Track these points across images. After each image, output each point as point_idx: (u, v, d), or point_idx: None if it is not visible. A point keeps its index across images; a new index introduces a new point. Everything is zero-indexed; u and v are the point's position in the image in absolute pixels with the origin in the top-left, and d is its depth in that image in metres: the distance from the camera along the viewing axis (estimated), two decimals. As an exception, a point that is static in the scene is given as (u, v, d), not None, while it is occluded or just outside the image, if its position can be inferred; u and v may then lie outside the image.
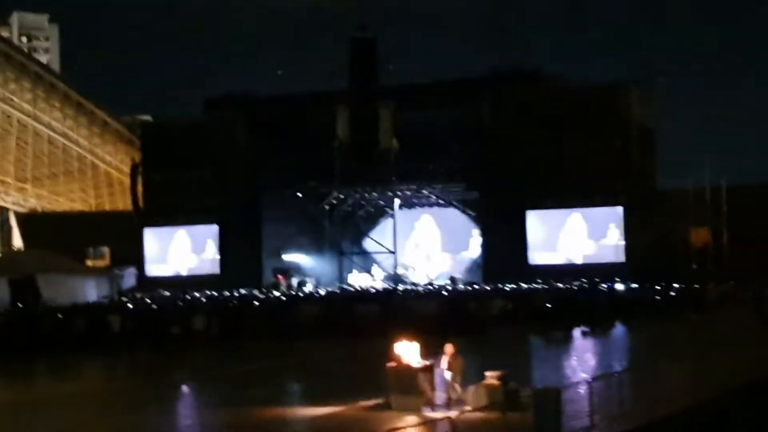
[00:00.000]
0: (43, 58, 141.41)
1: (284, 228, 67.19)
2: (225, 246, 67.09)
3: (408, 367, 21.24)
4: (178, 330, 39.68)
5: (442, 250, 70.35)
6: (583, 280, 52.72)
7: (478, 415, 17.86)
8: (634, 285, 51.44)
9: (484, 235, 64.46)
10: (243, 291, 56.77)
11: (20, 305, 46.50)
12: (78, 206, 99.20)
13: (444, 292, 50.94)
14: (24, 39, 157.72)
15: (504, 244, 60.88)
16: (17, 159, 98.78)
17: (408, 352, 21.59)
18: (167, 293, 59.22)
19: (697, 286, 50.19)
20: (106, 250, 76.32)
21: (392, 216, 66.70)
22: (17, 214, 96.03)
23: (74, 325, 39.98)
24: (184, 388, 27.70)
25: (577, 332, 39.49)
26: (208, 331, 39.60)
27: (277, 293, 56.89)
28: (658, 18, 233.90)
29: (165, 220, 68.78)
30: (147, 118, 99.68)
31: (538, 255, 61.55)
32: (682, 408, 19.82)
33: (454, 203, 67.66)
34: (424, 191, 66.23)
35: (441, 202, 68.23)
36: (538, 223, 61.79)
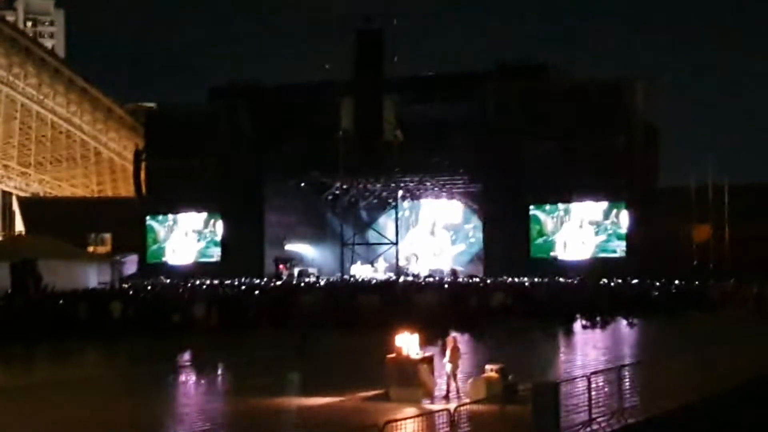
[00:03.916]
0: (49, 44, 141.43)
1: (287, 218, 67.27)
2: (227, 234, 67.16)
3: (408, 359, 21.26)
4: (178, 318, 39.64)
5: (444, 242, 70.38)
6: (584, 274, 52.71)
7: (477, 407, 17.84)
8: (635, 281, 51.44)
9: (486, 228, 64.49)
10: (244, 279, 56.80)
11: (21, 290, 46.45)
12: (80, 192, 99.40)
13: (445, 285, 50.92)
14: (29, 24, 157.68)
15: (506, 238, 60.92)
16: (21, 143, 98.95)
17: (408, 343, 21.60)
18: (168, 281, 59.30)
19: (697, 283, 50.17)
20: (107, 236, 76.36)
21: (395, 207, 66.69)
22: (19, 199, 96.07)
23: (75, 310, 39.96)
24: (184, 376, 27.71)
25: (577, 327, 39.51)
26: (208, 320, 39.55)
27: (278, 282, 56.94)
28: (662, 16, 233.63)
29: (167, 208, 68.84)
30: (151, 105, 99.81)
31: (539, 249, 61.54)
32: (681, 404, 19.81)
33: (457, 196, 67.65)
34: (428, 183, 66.24)
35: (444, 194, 68.21)
36: (540, 218, 61.77)
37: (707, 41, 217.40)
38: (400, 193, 66.77)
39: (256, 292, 48.32)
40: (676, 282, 50.04)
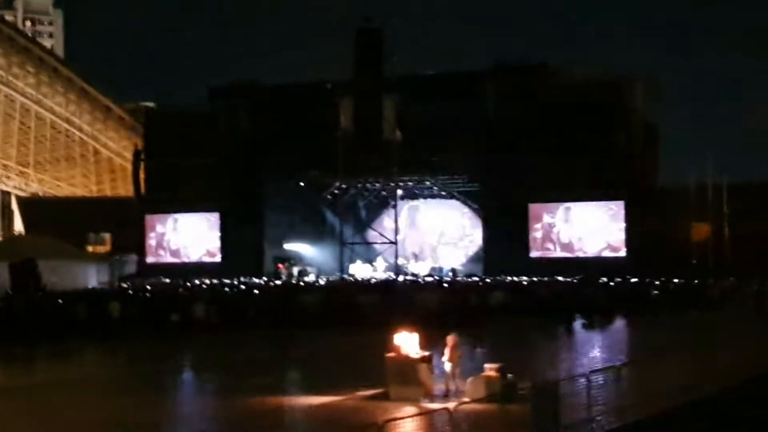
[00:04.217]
0: (47, 43, 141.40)
1: (286, 217, 67.24)
2: (227, 234, 67.14)
3: (407, 358, 21.27)
4: (178, 317, 39.67)
5: (444, 242, 70.38)
6: (584, 273, 52.68)
7: (476, 406, 17.85)
8: (635, 279, 51.44)
9: (485, 227, 64.46)
10: (244, 279, 56.80)
11: (21, 290, 46.48)
12: (80, 192, 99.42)
13: (444, 284, 50.92)
14: (28, 23, 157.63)
15: (505, 237, 60.90)
16: (19, 143, 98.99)
17: (407, 342, 21.62)
18: (168, 280, 59.32)
19: (697, 282, 50.19)
20: (107, 236, 76.40)
21: (394, 207, 66.67)
22: (19, 199, 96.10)
23: (75, 310, 40.00)
24: (183, 376, 27.74)
25: (576, 325, 39.54)
26: (208, 319, 39.59)
27: (278, 282, 56.93)
28: (662, 14, 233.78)
29: (167, 208, 68.81)
30: (150, 105, 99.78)
31: (539, 248, 61.55)
32: (680, 403, 19.82)
33: (457, 195, 67.62)
34: (427, 183, 66.21)
35: (443, 193, 68.19)
36: (539, 216, 61.76)
37: (708, 40, 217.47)
38: (400, 192, 66.69)
39: (256, 291, 48.39)
40: (676, 281, 50.05)
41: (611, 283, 50.28)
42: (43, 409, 21.56)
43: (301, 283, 56.33)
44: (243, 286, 51.88)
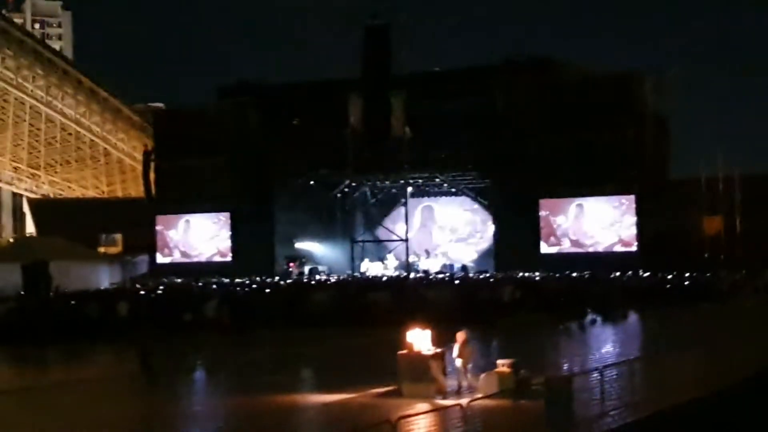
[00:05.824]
0: (56, 45, 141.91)
1: (296, 216, 67.17)
2: (237, 233, 67.12)
3: (419, 355, 21.26)
4: (189, 317, 39.74)
5: (455, 238, 70.28)
6: (595, 268, 52.57)
7: (489, 402, 17.83)
8: (647, 274, 51.27)
9: (496, 223, 64.31)
10: (255, 278, 56.80)
11: (33, 291, 46.65)
12: (90, 193, 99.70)
13: (456, 280, 50.85)
14: (37, 25, 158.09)
15: (516, 233, 60.67)
16: (30, 145, 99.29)
17: (419, 339, 21.60)
18: (179, 280, 59.37)
19: (709, 275, 50.03)
20: (118, 236, 76.55)
21: (404, 204, 66.59)
22: (30, 201, 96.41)
23: (86, 311, 40.12)
24: (195, 375, 27.76)
25: (588, 321, 39.47)
26: (220, 319, 39.64)
27: (289, 281, 56.94)
28: (671, 7, 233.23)
29: (177, 207, 68.83)
30: (160, 105, 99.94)
31: (550, 243, 61.42)
32: (693, 397, 19.77)
33: (467, 192, 67.54)
34: (437, 179, 66.13)
35: (453, 190, 68.11)
36: (550, 212, 61.62)
37: (717, 32, 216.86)
38: (410, 189, 66.58)
39: (267, 290, 48.43)
40: (687, 274, 49.90)
41: (623, 278, 50.15)
42: (56, 409, 21.60)
43: (312, 282, 56.32)
44: (254, 286, 51.91)
